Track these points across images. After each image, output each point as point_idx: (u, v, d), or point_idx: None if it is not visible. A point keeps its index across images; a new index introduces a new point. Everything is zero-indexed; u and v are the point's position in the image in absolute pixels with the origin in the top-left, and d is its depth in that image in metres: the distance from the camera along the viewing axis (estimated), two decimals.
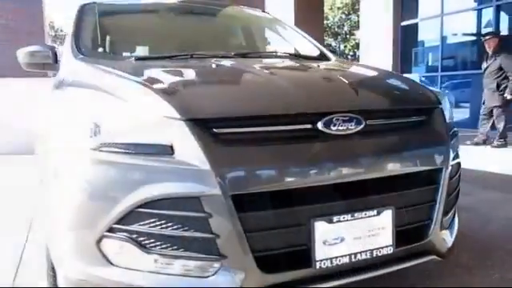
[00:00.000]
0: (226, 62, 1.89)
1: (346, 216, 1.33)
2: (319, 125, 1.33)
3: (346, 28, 27.23)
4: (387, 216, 1.39)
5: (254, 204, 1.24)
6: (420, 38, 10.05)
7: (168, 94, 1.34)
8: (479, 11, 8.56)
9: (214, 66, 1.86)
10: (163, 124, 1.25)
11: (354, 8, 25.21)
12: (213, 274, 1.24)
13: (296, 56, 2.38)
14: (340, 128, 1.35)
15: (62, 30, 25.33)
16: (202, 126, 1.24)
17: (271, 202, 1.26)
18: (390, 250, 1.41)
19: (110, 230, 1.27)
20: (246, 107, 1.33)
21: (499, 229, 2.63)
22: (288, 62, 2.17)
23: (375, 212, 1.37)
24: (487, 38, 6.09)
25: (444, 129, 1.58)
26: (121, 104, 1.32)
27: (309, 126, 1.34)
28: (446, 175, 1.52)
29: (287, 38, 2.77)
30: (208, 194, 1.20)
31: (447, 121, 1.64)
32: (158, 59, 2.05)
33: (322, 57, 2.51)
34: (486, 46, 6.04)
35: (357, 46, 22.94)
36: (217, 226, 1.21)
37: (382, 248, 1.40)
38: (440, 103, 1.64)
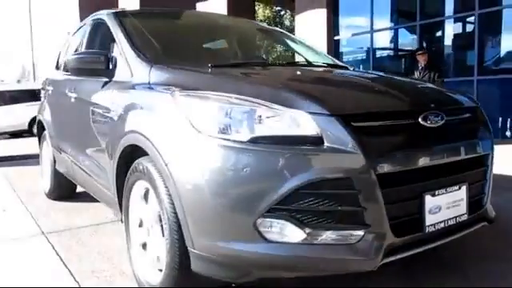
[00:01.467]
0: (309, 70, 2.18)
1: (441, 190, 1.70)
2: (419, 119, 1.70)
3: None
4: (464, 190, 1.80)
5: (388, 181, 1.55)
6: (352, 50, 11.01)
7: (314, 96, 1.61)
8: (406, 29, 9.67)
9: (310, 73, 2.15)
10: (315, 119, 1.51)
11: (275, 21, 26.38)
12: (358, 241, 1.52)
13: (334, 66, 2.73)
14: (432, 122, 1.73)
15: None
16: (346, 119, 1.53)
17: (399, 180, 1.59)
18: (465, 217, 1.81)
19: (269, 210, 1.50)
20: (371, 106, 1.67)
21: None
22: (340, 71, 2.51)
23: (457, 187, 1.77)
24: (419, 52, 7.01)
25: (487, 122, 2.03)
26: (273, 106, 1.55)
27: (412, 121, 1.70)
28: (492, 159, 1.97)
29: (307, 50, 3.12)
30: (360, 175, 1.49)
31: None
32: (233, 67, 2.27)
33: (342, 66, 2.90)
34: (419, 59, 6.95)
35: (278, 57, 24.06)
36: (364, 200, 1.50)
37: (461, 215, 1.79)
38: (478, 103, 2.09)
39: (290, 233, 1.51)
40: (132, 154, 2.07)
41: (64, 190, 3.98)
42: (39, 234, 3.07)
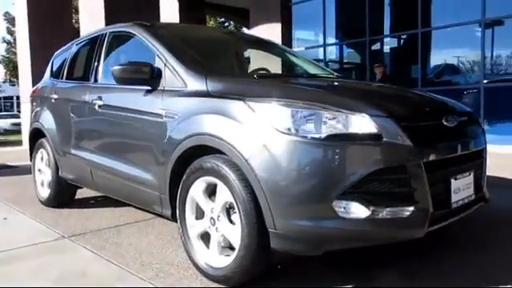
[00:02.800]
0: (334, 80, 2.59)
1: (460, 175, 2.18)
2: (443, 121, 2.17)
3: None
4: (472, 176, 2.28)
5: (429, 168, 1.98)
6: None
7: (371, 101, 2.02)
8: (356, 43, 10.49)
9: (343, 83, 2.59)
10: (375, 120, 1.91)
11: None
12: (410, 215, 1.93)
13: (339, 76, 3.17)
14: (450, 123, 2.20)
15: None
16: (397, 120, 1.95)
17: (435, 166, 2.03)
18: (472, 197, 2.30)
19: (343, 193, 1.87)
20: (411, 109, 2.12)
21: None
22: (352, 80, 2.95)
23: (468, 173, 2.25)
24: (376, 65, 7.76)
25: (480, 123, 2.56)
26: (340, 110, 1.94)
27: (438, 122, 2.16)
28: (486, 153, 2.49)
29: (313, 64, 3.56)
30: (411, 163, 1.91)
31: None
32: (270, 78, 2.62)
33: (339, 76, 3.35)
34: (375, 71, 7.70)
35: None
36: (414, 182, 1.92)
37: (470, 196, 2.28)
38: (471, 109, 2.62)
39: (358, 210, 1.89)
40: (190, 155, 2.34)
41: (65, 196, 4.05)
42: (62, 238, 3.17)
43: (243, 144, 2.04)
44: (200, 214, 2.37)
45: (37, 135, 4.23)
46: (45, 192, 4.15)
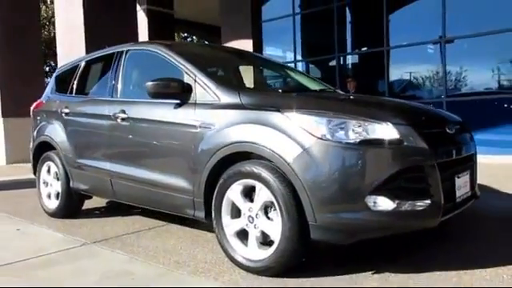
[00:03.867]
0: (348, 95, 2.96)
1: (460, 174, 2.59)
2: (446, 128, 2.58)
3: None
4: (468, 175, 2.71)
5: (441, 167, 2.37)
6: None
7: (392, 112, 2.40)
8: (325, 60, 11.08)
9: (355, 97, 2.96)
10: (397, 128, 2.29)
11: None
12: (427, 207, 2.31)
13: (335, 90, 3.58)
14: (451, 130, 2.62)
15: None
16: (414, 127, 2.34)
17: (445, 166, 2.42)
18: (469, 194, 2.72)
19: (374, 189, 2.22)
20: (423, 119, 2.51)
21: None
22: (363, 95, 3.35)
23: (466, 173, 2.68)
24: (348, 79, 8.32)
25: (470, 131, 3.01)
26: (367, 119, 2.31)
27: (443, 129, 2.58)
28: (476, 157, 2.94)
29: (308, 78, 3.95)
30: (428, 163, 2.30)
31: None
32: (292, 92, 2.97)
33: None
34: (348, 85, 8.24)
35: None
36: (430, 180, 2.31)
37: (467, 192, 2.70)
38: (462, 119, 3.07)
39: (385, 204, 2.24)
40: (223, 162, 2.63)
41: (74, 207, 4.18)
42: (87, 244, 3.31)
43: (284, 149, 2.36)
44: (235, 213, 2.64)
45: (43, 148, 4.33)
46: (52, 203, 4.25)
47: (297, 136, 2.35)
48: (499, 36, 8.01)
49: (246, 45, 11.48)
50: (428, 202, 2.31)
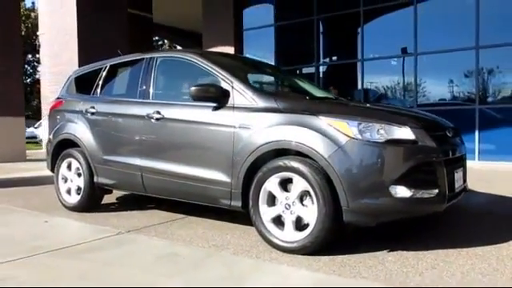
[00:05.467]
0: (362, 103, 3.47)
1: (457, 170, 3.15)
2: (446, 132, 3.14)
3: None
4: (461, 171, 3.28)
5: (445, 163, 2.91)
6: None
7: (408, 118, 2.93)
8: (307, 68, 11.68)
9: (374, 105, 3.48)
10: (413, 131, 2.81)
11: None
12: (435, 195, 2.83)
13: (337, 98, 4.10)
14: (450, 134, 3.19)
15: None
16: (426, 130, 2.87)
17: (448, 163, 2.97)
18: (462, 187, 3.29)
19: (395, 180, 2.73)
20: (430, 123, 3.05)
21: None
22: (376, 103, 3.87)
23: (461, 169, 3.24)
24: (331, 87, 8.92)
25: (461, 135, 3.59)
26: (391, 124, 2.82)
27: (444, 133, 3.13)
28: (466, 157, 3.52)
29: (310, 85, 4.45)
30: (437, 159, 2.83)
31: None
32: (316, 99, 3.45)
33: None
34: (332, 92, 8.82)
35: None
36: (438, 173, 2.84)
37: (461, 185, 3.26)
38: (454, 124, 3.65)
39: (404, 192, 2.74)
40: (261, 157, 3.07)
41: (95, 201, 4.45)
42: (122, 233, 3.59)
43: (321, 146, 2.82)
44: (271, 202, 3.08)
45: (63, 145, 4.57)
46: (72, 198, 4.48)
47: (332, 136, 2.82)
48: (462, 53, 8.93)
49: (228, 51, 11.93)
50: (436, 191, 2.84)
